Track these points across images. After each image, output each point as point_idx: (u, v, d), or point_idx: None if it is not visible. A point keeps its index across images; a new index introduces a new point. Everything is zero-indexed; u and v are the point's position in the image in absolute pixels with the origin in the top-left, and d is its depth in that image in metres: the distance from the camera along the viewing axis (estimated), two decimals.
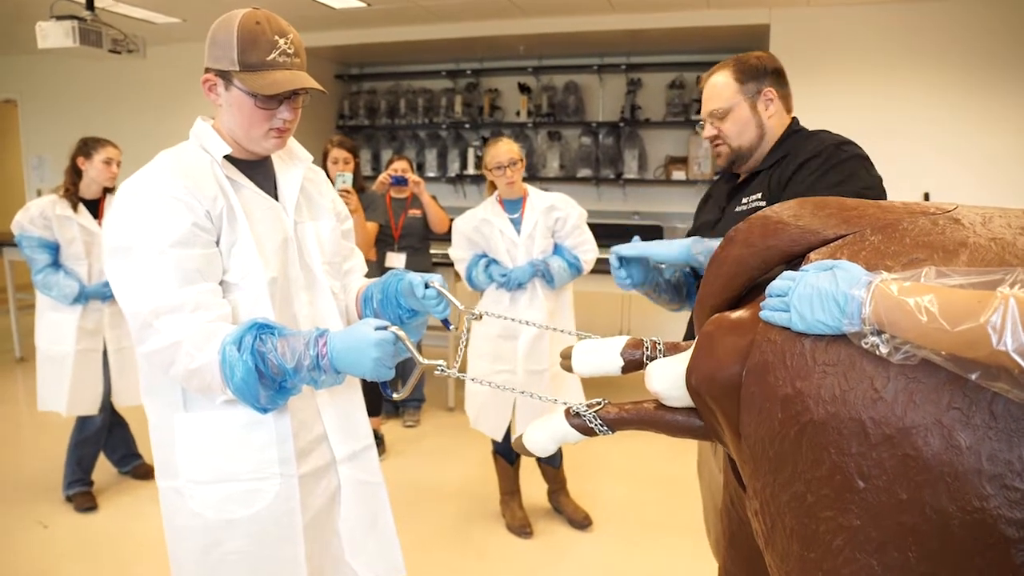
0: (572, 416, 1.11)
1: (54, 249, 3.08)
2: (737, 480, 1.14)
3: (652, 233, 5.52)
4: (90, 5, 4.45)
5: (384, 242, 4.00)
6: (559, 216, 2.94)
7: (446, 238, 3.32)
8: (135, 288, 1.25)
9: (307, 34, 5.83)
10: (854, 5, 4.71)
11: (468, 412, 3.10)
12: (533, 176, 6.11)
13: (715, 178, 1.88)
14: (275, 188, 1.46)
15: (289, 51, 1.33)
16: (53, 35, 4.28)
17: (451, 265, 3.22)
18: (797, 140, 1.62)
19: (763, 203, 1.54)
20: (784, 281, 0.90)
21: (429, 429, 4.22)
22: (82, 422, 3.20)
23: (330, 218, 1.54)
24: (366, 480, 1.54)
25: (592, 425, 1.09)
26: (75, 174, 3.11)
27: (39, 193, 6.59)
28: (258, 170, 1.43)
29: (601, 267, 3.75)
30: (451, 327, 1.46)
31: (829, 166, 1.50)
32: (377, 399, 3.89)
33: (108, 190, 3.21)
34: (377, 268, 3.89)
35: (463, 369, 1.38)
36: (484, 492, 3.29)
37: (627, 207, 6.02)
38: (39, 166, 7.15)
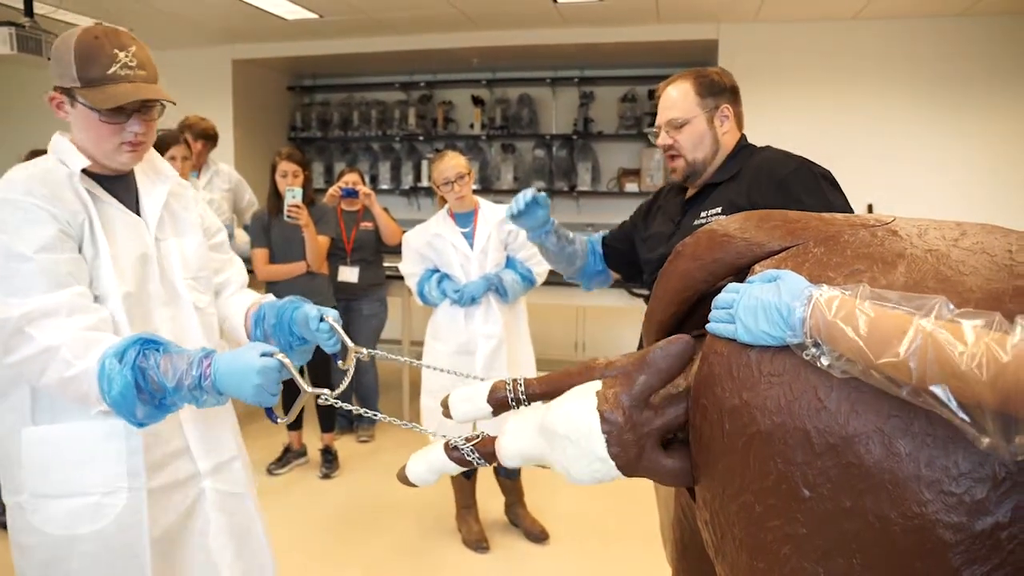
0: (451, 449, 1.12)
1: None
2: (688, 491, 1.15)
3: None
4: (29, 11, 4.32)
5: (336, 256, 3.96)
6: (512, 229, 2.94)
7: (399, 250, 3.29)
8: (3, 295, 1.22)
9: (259, 45, 5.77)
10: (800, 22, 4.85)
11: (426, 426, 3.06)
12: (487, 188, 6.12)
13: (664, 187, 1.92)
14: (137, 204, 1.47)
15: (131, 64, 1.32)
16: None
17: (404, 278, 3.20)
18: (747, 155, 1.65)
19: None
20: (729, 294, 0.91)
21: (384, 444, 4.17)
22: None
23: (196, 234, 1.55)
24: (231, 492, 1.55)
25: (470, 458, 1.10)
26: None
27: None
28: (119, 185, 1.44)
29: (555, 279, 3.78)
30: (339, 361, 1.44)
31: (810, 187, 1.54)
32: (331, 414, 3.84)
33: None
34: (330, 282, 3.84)
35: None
36: (440, 507, 3.25)
37: (581, 219, 6.06)
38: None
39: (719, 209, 1.59)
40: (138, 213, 1.45)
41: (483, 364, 2.88)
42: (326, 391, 1.25)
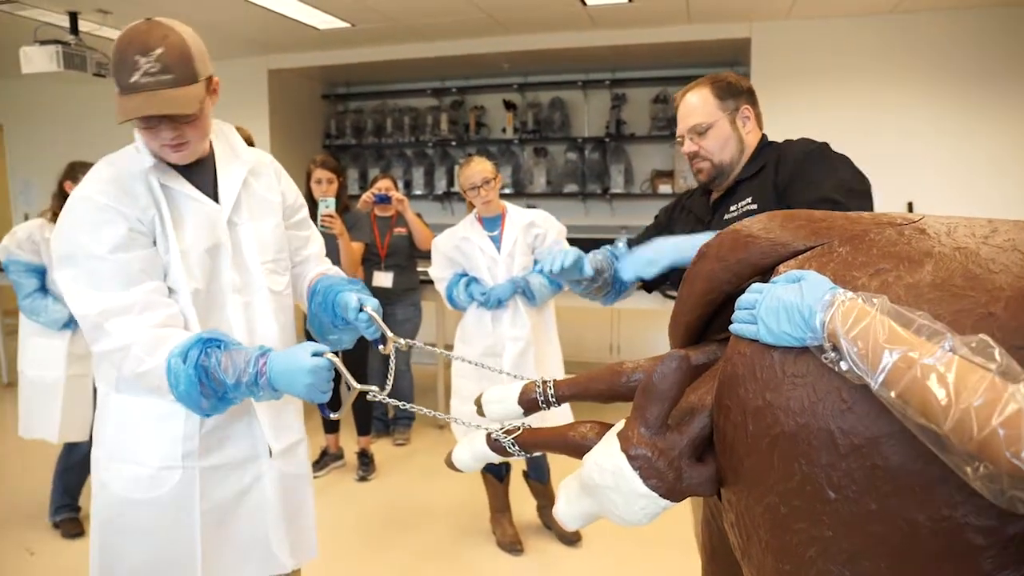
0: (492, 440, 1.20)
1: (41, 273, 3.07)
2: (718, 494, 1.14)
3: None
4: (74, 29, 4.47)
5: (371, 261, 4.00)
6: (538, 232, 2.95)
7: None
8: (83, 292, 1.32)
9: (294, 54, 5.87)
10: (834, 18, 4.77)
11: (454, 430, 3.09)
12: (520, 192, 6.13)
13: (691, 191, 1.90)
14: (216, 186, 1.49)
15: (152, 70, 1.30)
16: (37, 60, 4.29)
17: None
18: (771, 151, 1.65)
19: (755, 207, 1.56)
20: (752, 294, 0.91)
21: (419, 447, 4.20)
22: (69, 448, 3.16)
23: (274, 215, 1.58)
24: (294, 473, 1.61)
25: (511, 450, 1.17)
26: (63, 198, 3.10)
27: (26, 217, 6.55)
28: (196, 170, 1.47)
29: None
30: (380, 347, 1.51)
31: (827, 161, 1.53)
32: (367, 417, 3.88)
33: None
34: (365, 288, 3.88)
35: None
36: (475, 509, 3.27)
37: (614, 222, 6.04)
38: (25, 190, 7.13)
39: (749, 199, 1.58)
40: (216, 197, 1.48)
41: (510, 366, 2.89)
42: (375, 388, 1.31)
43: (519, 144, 6.24)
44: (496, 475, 3.07)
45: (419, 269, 4.25)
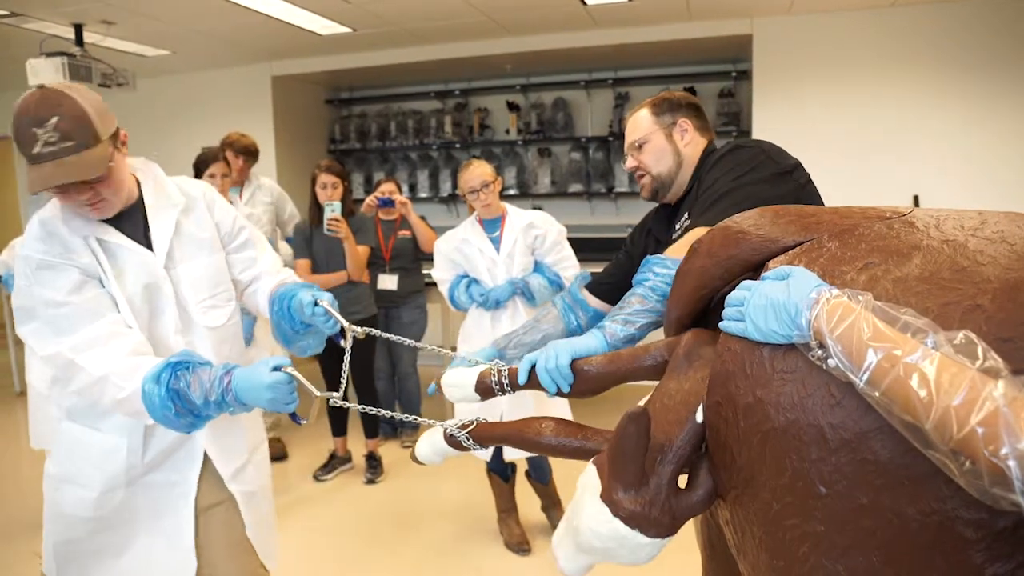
0: (447, 435, 1.27)
1: None
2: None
3: None
4: (79, 41, 4.51)
5: (376, 264, 4.02)
6: (538, 233, 2.96)
7: None
8: (48, 338, 1.39)
9: (297, 60, 5.89)
10: (836, 12, 4.75)
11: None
12: (524, 193, 6.13)
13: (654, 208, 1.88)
14: (147, 232, 1.55)
15: (51, 139, 1.32)
16: (43, 71, 4.33)
17: None
18: (708, 160, 1.65)
19: (690, 222, 1.56)
20: (741, 291, 0.91)
21: None
22: None
23: (209, 253, 1.64)
24: (247, 491, 1.70)
25: (466, 444, 1.25)
26: None
27: None
28: (127, 218, 1.53)
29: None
30: (340, 341, 1.56)
31: (729, 165, 1.52)
32: (374, 420, 3.89)
33: None
34: (371, 290, 3.90)
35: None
36: (482, 510, 3.28)
37: (620, 220, 6.03)
38: (36, 202, 7.19)
39: (686, 215, 1.60)
40: (148, 242, 1.54)
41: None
42: (336, 394, 1.39)
43: (523, 145, 6.25)
44: (502, 476, 3.08)
45: (424, 271, 4.27)
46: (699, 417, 0.96)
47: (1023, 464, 0.59)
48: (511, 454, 2.99)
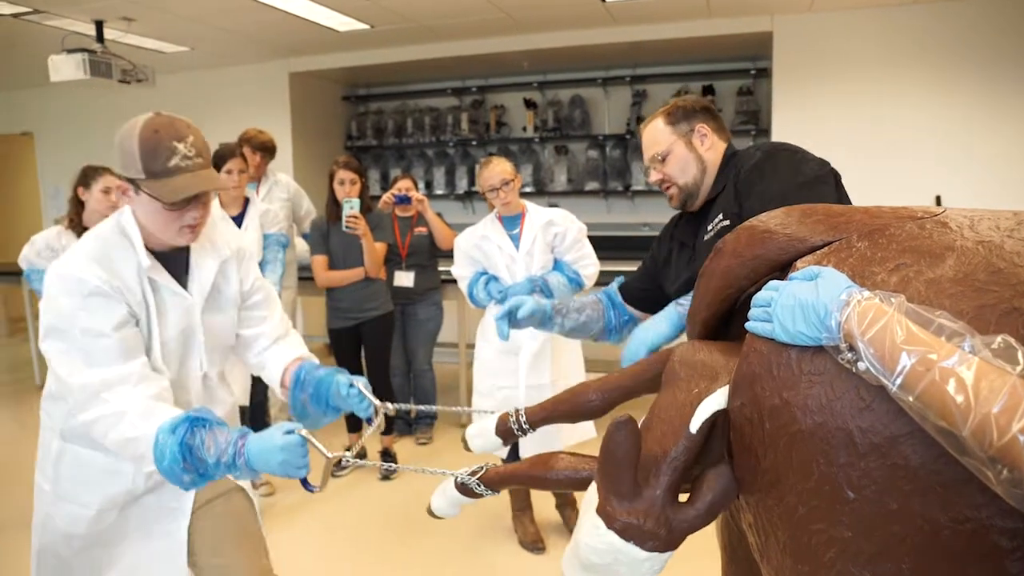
0: (459, 484, 1.27)
1: None
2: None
3: None
4: (100, 37, 4.54)
5: (392, 261, 4.02)
6: (557, 231, 2.94)
7: (453, 255, 3.33)
8: (78, 363, 1.39)
9: (314, 57, 5.91)
10: (857, 9, 4.69)
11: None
12: (541, 191, 6.12)
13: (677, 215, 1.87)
14: (187, 275, 1.58)
15: (190, 153, 1.42)
16: (65, 68, 4.38)
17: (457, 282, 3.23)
18: (732, 165, 1.64)
19: (727, 223, 1.54)
20: (768, 292, 0.89)
21: (441, 446, 4.21)
22: None
23: (231, 310, 1.67)
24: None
25: (478, 491, 1.26)
26: (78, 204, 3.11)
27: (57, 223, 6.68)
28: (172, 259, 1.55)
29: (607, 280, 3.74)
30: (373, 423, 1.57)
31: (771, 165, 1.50)
32: (390, 418, 3.90)
33: None
34: (387, 287, 3.90)
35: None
36: (497, 509, 3.27)
37: (637, 219, 6.00)
38: (56, 196, 7.27)
39: (720, 215, 1.58)
40: (186, 285, 1.57)
41: (527, 364, 2.90)
42: (348, 453, 1.41)
43: (540, 142, 6.24)
44: None
45: (440, 268, 4.26)
46: (693, 428, 0.95)
47: None
48: (527, 451, 2.99)
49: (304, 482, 1.42)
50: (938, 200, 4.54)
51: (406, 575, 2.85)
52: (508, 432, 1.33)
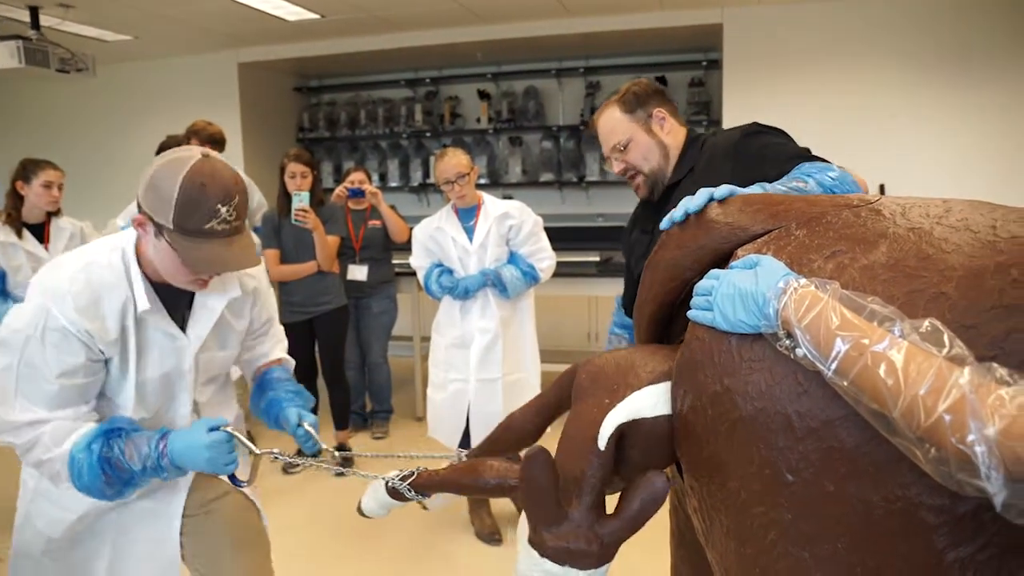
0: (389, 487, 1.27)
1: (0, 277, 3.01)
2: (681, 478, 1.15)
3: (617, 234, 5.55)
4: (35, 24, 4.37)
5: (346, 254, 3.98)
6: (512, 224, 2.94)
7: (407, 247, 3.32)
8: (10, 389, 1.29)
9: (264, 47, 5.79)
10: (806, 2, 4.77)
11: (428, 421, 3.12)
12: (496, 182, 6.10)
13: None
14: (188, 309, 1.46)
15: (229, 218, 1.28)
16: None
17: (414, 274, 3.22)
18: (697, 150, 1.63)
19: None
20: (709, 280, 0.91)
21: (398, 440, 4.19)
22: None
23: (236, 346, 1.57)
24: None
25: (409, 495, 1.26)
26: (16, 198, 3.02)
27: None
28: (175, 293, 1.42)
29: (565, 271, 3.75)
30: (311, 460, 1.51)
31: (745, 150, 1.51)
32: (345, 412, 3.86)
33: (52, 214, 3.13)
34: (340, 281, 3.86)
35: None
36: (454, 501, 3.26)
37: (591, 209, 6.03)
38: None
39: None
40: (184, 324, 1.44)
41: (477, 359, 2.91)
42: (277, 449, 1.40)
43: (494, 134, 6.22)
44: None
45: (394, 262, 4.23)
46: (601, 445, 0.96)
47: (989, 450, 0.60)
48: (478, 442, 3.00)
49: (232, 478, 1.40)
50: (882, 189, 4.66)
51: (362, 570, 2.83)
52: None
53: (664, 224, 1.09)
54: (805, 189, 1.20)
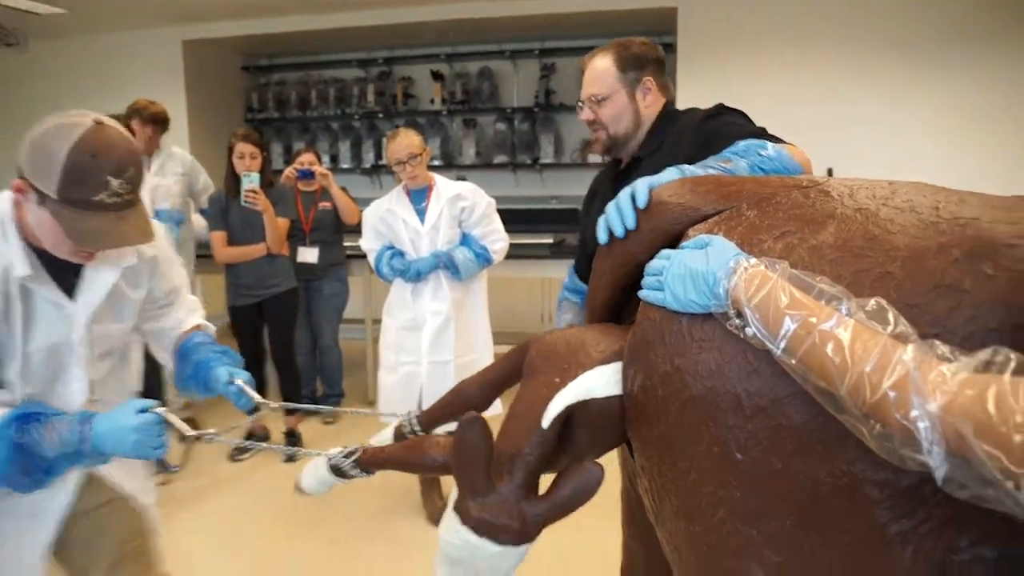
0: (332, 464, 1.24)
1: None
2: (633, 459, 1.15)
3: (571, 216, 5.56)
4: None
5: (296, 237, 3.90)
6: (465, 205, 2.92)
7: (358, 230, 3.26)
8: None
9: (210, 24, 5.61)
10: None
11: (379, 404, 3.09)
12: (449, 164, 6.06)
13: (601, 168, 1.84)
14: (77, 277, 1.36)
15: (121, 191, 1.20)
16: None
17: (365, 256, 3.17)
18: (670, 125, 1.62)
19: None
20: (660, 261, 0.91)
21: (348, 426, 4.15)
22: None
23: (131, 316, 1.48)
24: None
25: (352, 472, 1.23)
26: None
27: None
28: (64, 264, 1.32)
29: (518, 253, 3.74)
30: (251, 417, 1.46)
31: (704, 131, 1.49)
32: (295, 396, 3.80)
33: None
34: (290, 263, 3.79)
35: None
36: (406, 485, 3.25)
37: (545, 192, 6.03)
38: None
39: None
40: (72, 290, 1.35)
41: (429, 341, 2.89)
42: (212, 430, 1.32)
43: (448, 115, 6.16)
44: None
45: (345, 244, 4.17)
46: (545, 424, 0.96)
47: (931, 425, 0.60)
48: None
49: (162, 462, 1.34)
50: (830, 172, 4.75)
51: (314, 553, 2.80)
52: (403, 438, 1.30)
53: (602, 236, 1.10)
54: (730, 169, 1.16)
